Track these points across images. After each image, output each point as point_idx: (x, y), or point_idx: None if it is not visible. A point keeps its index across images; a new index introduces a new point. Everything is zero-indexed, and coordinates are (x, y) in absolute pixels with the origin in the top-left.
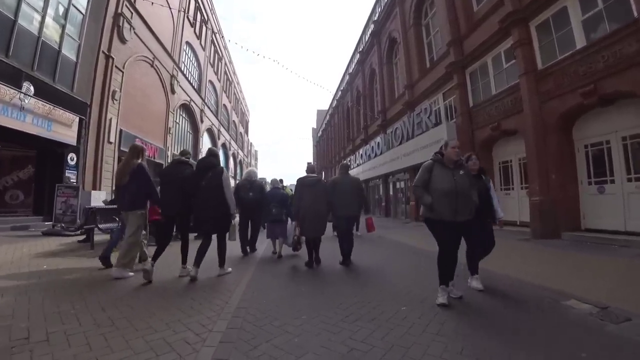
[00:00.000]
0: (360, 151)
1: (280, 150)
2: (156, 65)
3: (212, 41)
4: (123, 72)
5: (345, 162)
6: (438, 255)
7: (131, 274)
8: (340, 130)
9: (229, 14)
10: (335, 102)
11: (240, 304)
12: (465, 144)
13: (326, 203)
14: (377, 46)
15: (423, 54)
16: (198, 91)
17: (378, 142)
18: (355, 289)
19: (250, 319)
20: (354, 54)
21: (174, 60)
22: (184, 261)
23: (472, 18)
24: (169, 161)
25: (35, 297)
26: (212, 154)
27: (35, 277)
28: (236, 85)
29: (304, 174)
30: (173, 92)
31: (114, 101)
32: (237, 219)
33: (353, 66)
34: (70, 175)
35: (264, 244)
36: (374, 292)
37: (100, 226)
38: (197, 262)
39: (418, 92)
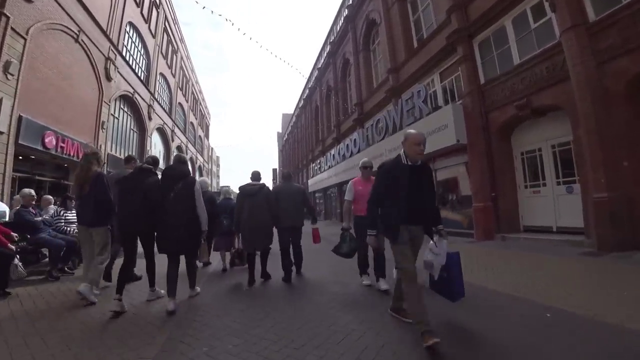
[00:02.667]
0: (332, 151)
1: (245, 155)
2: (83, 42)
3: (165, 29)
4: (26, 40)
5: (286, 170)
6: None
7: (98, 292)
8: (307, 132)
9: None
10: (302, 101)
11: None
12: (476, 129)
13: (269, 213)
14: (352, 32)
15: (410, 32)
16: (145, 83)
17: (354, 139)
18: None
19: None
20: (323, 46)
21: (110, 40)
22: (152, 283)
23: None
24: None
25: None
26: (181, 161)
27: None
28: (194, 84)
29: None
30: (109, 78)
31: (8, 76)
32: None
33: (322, 60)
34: (31, 190)
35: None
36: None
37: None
38: (172, 291)
39: (405, 76)
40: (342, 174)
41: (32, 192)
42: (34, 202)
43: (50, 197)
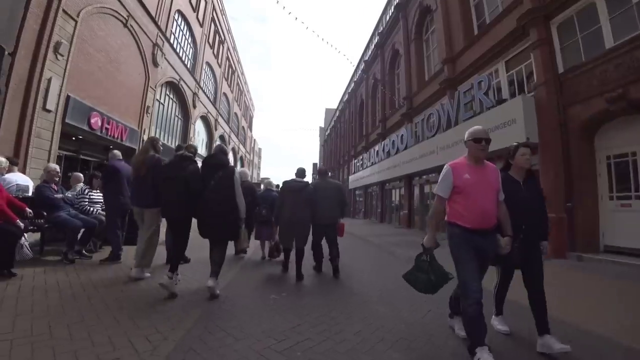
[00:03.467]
0: (376, 148)
1: (284, 149)
2: (131, 26)
3: (212, 19)
4: (76, 22)
5: (322, 167)
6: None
7: (148, 274)
8: (351, 127)
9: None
10: (347, 95)
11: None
12: (551, 126)
13: (309, 211)
14: (404, 20)
15: (469, 17)
16: (191, 71)
17: (401, 135)
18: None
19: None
20: (371, 38)
21: (158, 27)
22: (174, 268)
23: None
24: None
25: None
26: (222, 151)
27: None
28: (240, 76)
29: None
30: (156, 64)
31: (58, 56)
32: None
33: (370, 52)
34: (55, 166)
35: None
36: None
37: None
38: (215, 272)
39: (463, 66)
40: (385, 171)
41: (57, 167)
42: (57, 179)
43: (80, 174)
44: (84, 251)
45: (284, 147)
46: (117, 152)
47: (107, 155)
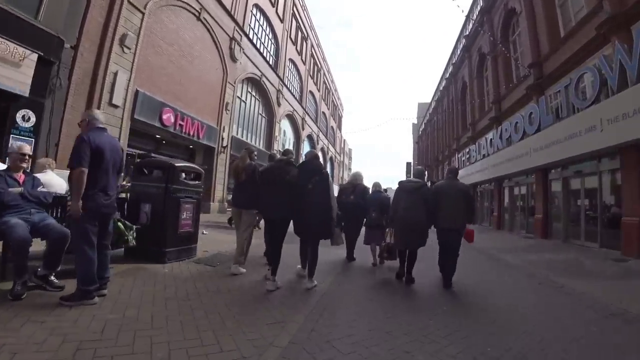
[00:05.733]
0: (489, 136)
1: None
2: (205, 20)
3: (293, 14)
4: (144, 14)
5: (453, 166)
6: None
7: (244, 270)
8: (450, 118)
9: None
10: (445, 81)
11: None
12: None
13: (426, 212)
14: (489, 25)
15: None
16: (274, 68)
17: (530, 114)
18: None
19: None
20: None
21: (235, 21)
22: (275, 271)
23: None
24: (222, 144)
25: None
26: (316, 157)
27: None
28: (326, 74)
29: (403, 177)
30: (234, 59)
31: (124, 49)
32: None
33: (470, 27)
34: (21, 145)
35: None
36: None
37: None
38: (312, 272)
39: None
40: (504, 164)
41: (24, 146)
42: (24, 165)
43: (47, 159)
44: (52, 278)
45: (377, 146)
46: (97, 112)
47: (187, 157)
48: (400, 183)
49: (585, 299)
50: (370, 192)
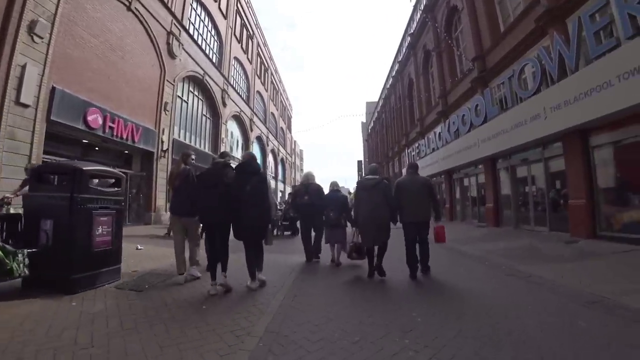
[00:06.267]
0: (437, 130)
1: (327, 150)
2: (137, 10)
3: (238, 11)
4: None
5: (413, 161)
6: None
7: (199, 274)
8: (399, 114)
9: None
10: (392, 79)
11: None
12: None
13: (387, 207)
14: (432, 22)
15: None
16: (217, 66)
17: (475, 106)
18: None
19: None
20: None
21: (172, 13)
22: (219, 274)
23: None
24: (162, 147)
25: None
26: (254, 159)
27: None
28: (274, 74)
29: (356, 176)
30: (173, 56)
31: (34, 38)
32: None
33: (415, 25)
34: None
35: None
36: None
37: None
38: (253, 274)
39: None
40: (453, 157)
41: None
42: None
43: None
44: None
45: (329, 145)
46: None
47: (122, 164)
48: (359, 182)
49: (556, 286)
50: (328, 191)
